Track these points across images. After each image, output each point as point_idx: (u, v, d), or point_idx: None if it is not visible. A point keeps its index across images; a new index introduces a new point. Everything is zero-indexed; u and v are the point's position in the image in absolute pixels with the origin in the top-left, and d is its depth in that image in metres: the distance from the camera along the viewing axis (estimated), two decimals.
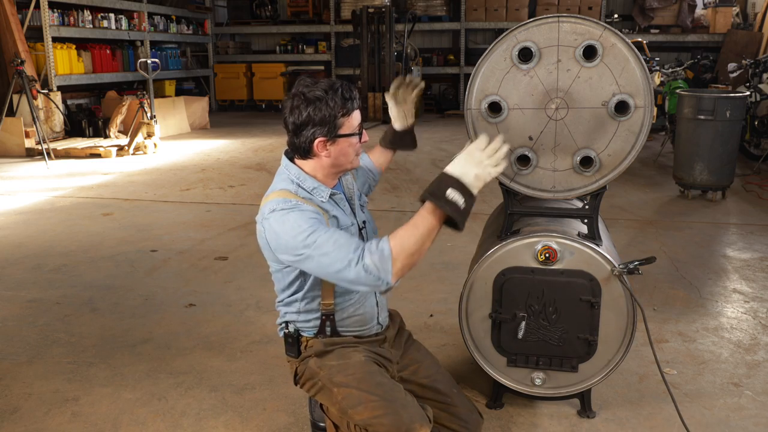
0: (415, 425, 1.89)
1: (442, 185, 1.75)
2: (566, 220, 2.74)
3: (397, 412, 1.90)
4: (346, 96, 1.94)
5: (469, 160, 1.78)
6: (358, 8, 13.28)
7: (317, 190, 2.00)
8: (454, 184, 1.75)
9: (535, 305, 2.54)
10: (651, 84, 2.37)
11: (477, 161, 1.77)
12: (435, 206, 1.75)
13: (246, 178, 7.77)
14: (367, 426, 1.93)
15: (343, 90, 1.94)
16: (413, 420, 1.90)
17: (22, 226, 5.73)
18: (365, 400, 1.94)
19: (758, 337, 3.49)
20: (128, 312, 3.86)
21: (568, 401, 2.80)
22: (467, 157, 1.78)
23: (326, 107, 1.91)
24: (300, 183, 2.01)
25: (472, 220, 6.86)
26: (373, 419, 1.92)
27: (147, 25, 12.98)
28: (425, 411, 2.02)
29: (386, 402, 1.93)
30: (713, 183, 6.45)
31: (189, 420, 2.73)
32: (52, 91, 10.13)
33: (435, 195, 1.75)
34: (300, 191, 1.99)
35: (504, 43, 2.42)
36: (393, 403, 1.93)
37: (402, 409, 1.92)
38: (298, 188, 2.00)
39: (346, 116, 1.95)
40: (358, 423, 1.96)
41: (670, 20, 13.70)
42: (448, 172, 1.77)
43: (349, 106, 1.95)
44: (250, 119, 14.14)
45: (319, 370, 2.06)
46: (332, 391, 2.02)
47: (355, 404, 1.95)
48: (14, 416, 2.77)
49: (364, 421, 1.93)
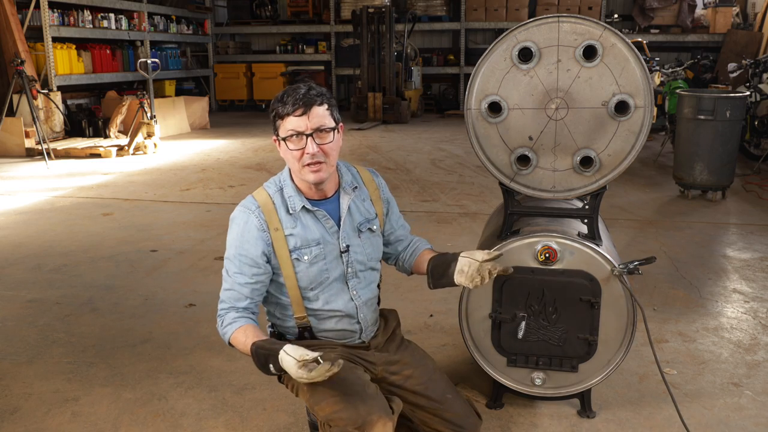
0: (372, 417, 1.89)
1: (271, 359, 1.88)
2: (566, 220, 2.74)
3: (355, 405, 1.91)
4: (283, 100, 2.01)
5: (293, 372, 1.81)
6: (358, 8, 13.29)
7: (292, 199, 2.10)
8: (274, 362, 1.87)
9: (535, 305, 2.54)
10: (651, 84, 2.37)
11: (298, 376, 1.81)
12: (256, 355, 1.93)
13: (246, 178, 7.77)
14: (329, 421, 1.94)
15: (294, 93, 2.00)
16: (371, 413, 1.90)
17: (22, 226, 5.74)
18: (328, 395, 1.96)
19: (758, 337, 3.49)
20: (128, 312, 3.86)
21: (568, 401, 2.80)
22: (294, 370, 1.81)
23: (272, 107, 2.04)
24: (283, 187, 2.12)
25: (472, 220, 6.80)
26: (333, 414, 1.93)
27: (147, 25, 12.99)
28: (391, 402, 2.03)
29: (346, 396, 1.94)
30: (713, 183, 6.45)
31: (189, 420, 2.73)
32: (52, 91, 10.13)
33: (264, 358, 1.90)
34: (277, 195, 2.10)
35: (504, 43, 2.42)
36: (352, 397, 1.94)
37: (361, 402, 1.93)
38: (278, 192, 2.11)
39: (279, 119, 2.02)
40: (322, 419, 1.98)
41: (670, 20, 13.71)
42: (281, 355, 1.84)
43: (279, 110, 2.01)
44: (250, 119, 14.14)
45: None
46: (303, 389, 2.06)
47: (320, 400, 1.98)
48: (14, 416, 2.77)
49: (326, 416, 1.95)
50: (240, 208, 2.12)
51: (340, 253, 2.13)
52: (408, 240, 2.40)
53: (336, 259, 2.12)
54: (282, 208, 2.09)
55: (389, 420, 1.93)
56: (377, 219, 2.24)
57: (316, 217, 2.10)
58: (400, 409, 2.07)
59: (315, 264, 2.09)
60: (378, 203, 2.26)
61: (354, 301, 2.16)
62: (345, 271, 2.14)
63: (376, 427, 1.89)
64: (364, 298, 2.19)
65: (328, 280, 2.12)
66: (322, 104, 2.02)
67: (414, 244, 2.39)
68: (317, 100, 2.00)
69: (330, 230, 2.11)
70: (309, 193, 2.11)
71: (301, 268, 2.09)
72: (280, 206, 2.09)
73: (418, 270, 2.36)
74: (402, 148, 9.77)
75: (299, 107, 1.97)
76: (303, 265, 2.08)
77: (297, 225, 2.08)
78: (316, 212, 2.10)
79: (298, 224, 2.08)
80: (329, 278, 2.12)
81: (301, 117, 1.98)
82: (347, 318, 2.17)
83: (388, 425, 1.92)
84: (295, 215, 2.08)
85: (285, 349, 1.83)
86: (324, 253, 2.10)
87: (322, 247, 2.09)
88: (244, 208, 2.10)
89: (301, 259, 2.08)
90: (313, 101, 1.99)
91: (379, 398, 1.99)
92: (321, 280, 2.11)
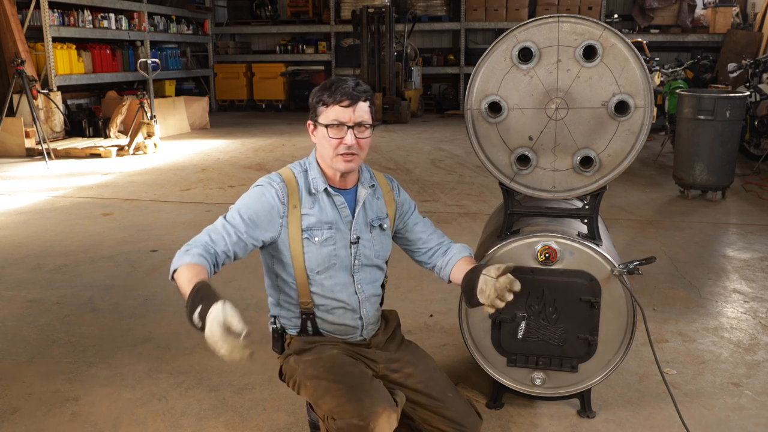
0: (377, 409, 1.90)
1: (206, 303, 1.83)
2: (566, 220, 2.74)
3: (360, 398, 1.92)
4: (332, 89, 2.07)
5: (214, 326, 1.73)
6: (358, 8, 13.29)
7: (315, 181, 2.14)
8: (200, 312, 1.81)
9: (535, 305, 2.54)
10: (651, 84, 2.37)
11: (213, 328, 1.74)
12: (186, 303, 1.90)
13: (246, 178, 7.77)
14: (333, 414, 1.95)
15: (344, 85, 2.07)
16: (375, 405, 1.91)
17: (22, 226, 5.74)
18: (332, 389, 1.97)
19: (758, 337, 3.49)
20: (128, 312, 3.86)
21: (568, 401, 2.80)
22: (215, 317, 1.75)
23: (317, 94, 2.10)
24: (308, 169, 2.17)
25: (472, 219, 6.79)
26: (337, 407, 1.94)
27: (147, 25, 12.99)
28: (395, 396, 2.04)
29: (350, 389, 1.95)
30: (713, 183, 6.45)
31: (189, 420, 2.73)
32: (52, 91, 10.13)
33: (201, 298, 1.86)
34: (301, 176, 2.16)
35: (504, 43, 2.42)
36: (357, 390, 1.95)
37: (366, 395, 1.93)
38: (302, 173, 2.17)
39: (325, 105, 2.07)
40: (325, 413, 1.98)
41: (670, 20, 13.71)
42: (217, 304, 1.78)
43: (328, 99, 2.07)
44: (250, 119, 14.14)
45: (297, 366, 2.12)
46: (306, 385, 2.07)
47: (323, 394, 1.99)
48: (14, 416, 2.77)
49: (330, 410, 1.96)
50: (264, 178, 2.17)
51: (350, 243, 2.16)
52: (437, 242, 2.35)
53: (345, 248, 2.15)
54: (304, 188, 2.14)
55: (393, 412, 1.94)
56: (388, 219, 2.28)
57: (334, 203, 2.15)
58: (403, 402, 2.08)
59: (325, 246, 2.12)
60: (390, 205, 2.29)
61: (358, 295, 2.19)
62: (352, 263, 2.17)
63: (381, 419, 1.90)
64: (367, 293, 2.21)
65: (335, 266, 2.14)
66: (367, 101, 2.10)
67: (449, 252, 2.33)
68: (363, 96, 2.09)
69: (344, 219, 2.16)
70: (332, 181, 2.17)
71: (311, 248, 2.10)
72: (302, 186, 2.14)
73: (456, 282, 2.29)
74: (402, 148, 9.77)
75: (346, 99, 2.05)
76: (313, 246, 2.10)
77: (315, 206, 2.13)
78: (335, 197, 2.15)
79: (316, 206, 2.13)
80: (336, 264, 2.14)
81: (347, 109, 2.05)
82: (351, 312, 2.18)
83: (392, 417, 1.93)
84: (315, 196, 2.13)
85: (226, 304, 1.74)
86: (335, 238, 2.13)
87: (334, 231, 2.13)
88: (269, 179, 2.15)
89: (311, 239, 2.10)
90: (360, 96, 2.07)
91: (382, 391, 2.00)
92: (329, 264, 2.13)
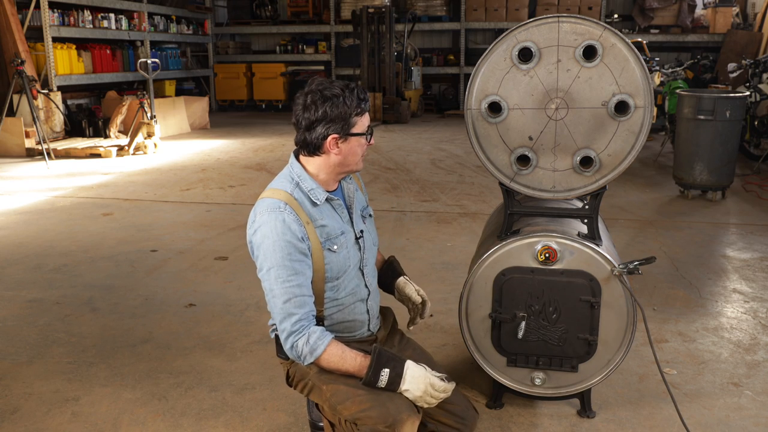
0: (402, 416, 1.90)
1: (392, 372, 1.94)
2: (566, 220, 2.74)
3: (383, 404, 1.92)
4: (360, 96, 2.02)
5: (421, 384, 1.94)
6: (358, 8, 13.29)
7: (314, 192, 2.04)
8: (394, 377, 1.93)
9: (535, 305, 2.54)
10: (651, 84, 2.37)
11: (424, 390, 1.94)
12: (368, 370, 1.93)
13: (246, 178, 7.77)
14: (355, 420, 1.95)
15: (358, 90, 2.02)
16: (400, 411, 1.91)
17: (22, 226, 5.74)
18: (352, 394, 1.96)
19: (758, 337, 3.49)
20: (128, 312, 3.86)
21: (568, 401, 2.80)
22: (424, 380, 1.95)
23: (342, 105, 1.97)
24: (299, 182, 2.05)
25: (472, 220, 6.79)
26: (360, 413, 1.93)
27: (147, 25, 12.99)
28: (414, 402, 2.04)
29: (373, 395, 1.94)
30: (713, 183, 6.45)
31: (189, 420, 2.74)
32: (52, 91, 10.13)
33: (386, 360, 1.94)
34: (296, 191, 2.03)
35: (504, 43, 2.42)
36: (379, 395, 1.94)
37: (389, 401, 1.93)
38: (296, 188, 2.04)
39: (359, 116, 2.02)
40: (347, 418, 1.98)
41: (670, 20, 13.71)
42: (403, 371, 1.94)
43: (363, 107, 2.02)
44: (250, 119, 14.15)
45: (308, 369, 2.08)
46: (321, 389, 2.04)
47: (343, 399, 1.97)
48: (14, 416, 2.77)
49: (352, 415, 1.95)
50: (266, 212, 1.98)
51: (356, 239, 2.16)
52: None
53: (354, 245, 2.14)
54: (306, 201, 2.04)
55: (417, 418, 1.94)
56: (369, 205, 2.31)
57: (333, 207, 2.12)
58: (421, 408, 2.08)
59: (341, 251, 2.10)
60: (364, 193, 2.32)
61: (369, 287, 2.19)
62: (361, 258, 2.17)
63: (407, 425, 1.90)
64: (374, 285, 2.23)
65: (350, 267, 2.13)
66: None
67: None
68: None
69: (344, 219, 2.14)
70: (327, 187, 2.11)
71: (331, 257, 2.07)
72: (303, 201, 2.04)
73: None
74: (402, 148, 9.77)
75: (366, 102, 2.05)
76: (333, 255, 2.07)
77: (324, 216, 2.07)
78: (334, 202, 2.11)
79: (324, 215, 2.07)
80: (350, 266, 2.13)
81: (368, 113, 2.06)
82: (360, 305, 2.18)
83: (416, 423, 1.93)
84: (319, 207, 2.07)
85: (408, 361, 1.95)
86: (347, 240, 2.12)
87: (345, 235, 2.11)
88: (273, 210, 1.98)
89: (332, 249, 2.07)
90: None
91: (403, 396, 1.99)
92: (345, 268, 2.12)
